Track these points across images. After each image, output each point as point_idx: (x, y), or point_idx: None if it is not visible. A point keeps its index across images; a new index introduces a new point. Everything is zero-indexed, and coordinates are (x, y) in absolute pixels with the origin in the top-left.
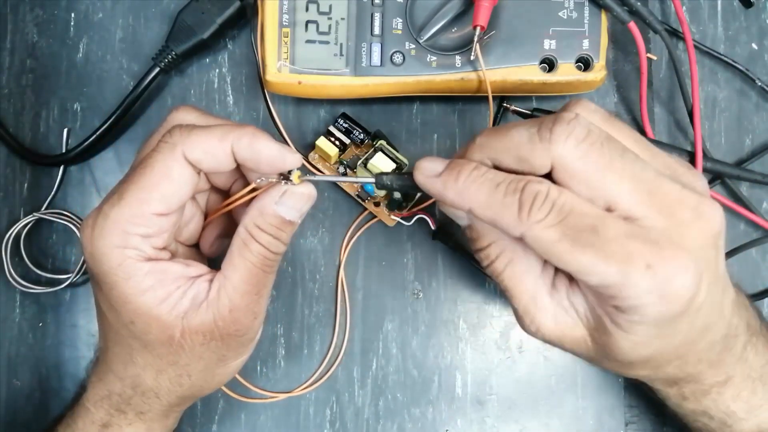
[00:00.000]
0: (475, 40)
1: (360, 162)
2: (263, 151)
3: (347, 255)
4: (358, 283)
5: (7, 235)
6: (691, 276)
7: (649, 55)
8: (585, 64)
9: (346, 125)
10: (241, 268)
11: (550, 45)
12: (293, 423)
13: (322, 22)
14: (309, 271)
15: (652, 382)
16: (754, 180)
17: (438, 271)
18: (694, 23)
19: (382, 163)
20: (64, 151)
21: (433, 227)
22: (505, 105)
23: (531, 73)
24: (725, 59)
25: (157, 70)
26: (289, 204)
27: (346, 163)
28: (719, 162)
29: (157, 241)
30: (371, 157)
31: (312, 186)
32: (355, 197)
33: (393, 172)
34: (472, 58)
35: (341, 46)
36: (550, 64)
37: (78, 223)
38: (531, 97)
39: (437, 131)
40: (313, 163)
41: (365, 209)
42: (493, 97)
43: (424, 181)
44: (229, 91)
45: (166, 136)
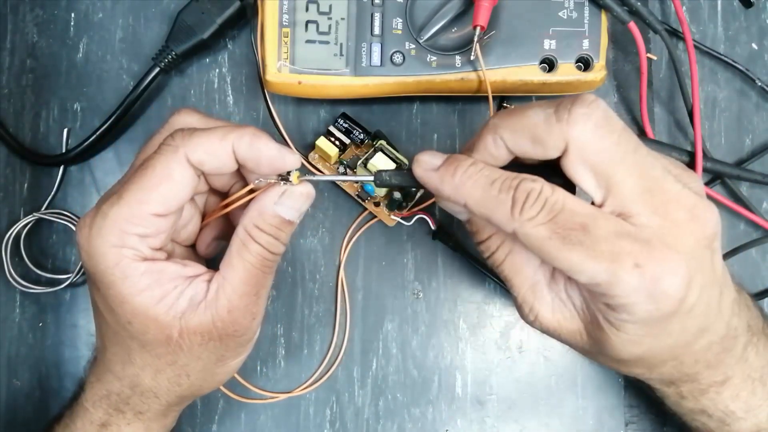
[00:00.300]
0: (475, 40)
1: (360, 162)
2: (263, 150)
3: (347, 255)
4: (358, 283)
5: (7, 235)
6: (680, 277)
7: (649, 55)
8: (585, 64)
9: (346, 125)
10: (240, 268)
11: (550, 45)
12: (293, 423)
13: (322, 22)
14: (309, 271)
15: (649, 381)
16: (754, 180)
17: (438, 271)
18: (694, 23)
19: (382, 163)
20: (64, 151)
21: (433, 227)
22: (505, 105)
23: (531, 73)
24: (725, 59)
25: (157, 70)
26: (288, 204)
27: (346, 163)
28: (719, 162)
29: (154, 242)
30: (371, 157)
31: (311, 186)
32: (355, 197)
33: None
34: (472, 58)
35: (341, 46)
36: (550, 64)
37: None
38: (531, 97)
39: (437, 131)
40: (313, 163)
41: (365, 209)
42: (493, 97)
43: (422, 174)
44: (229, 91)
45: (168, 139)
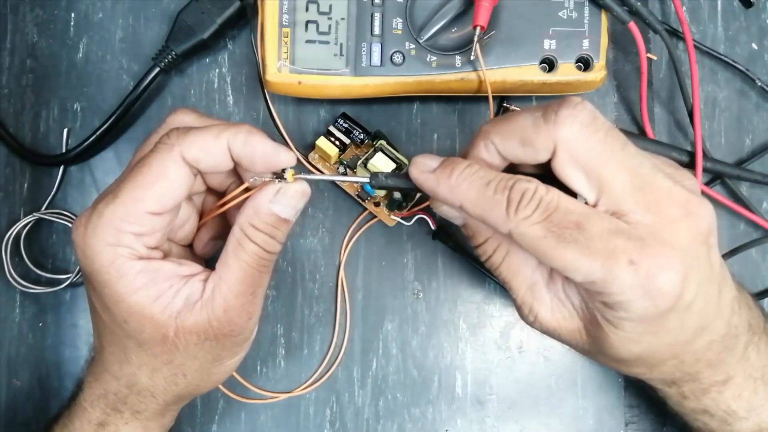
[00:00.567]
0: (475, 40)
1: (360, 162)
2: (258, 147)
3: (347, 255)
4: (358, 283)
5: (7, 235)
6: (675, 273)
7: (649, 55)
8: (585, 64)
9: (346, 125)
10: (236, 268)
11: (550, 45)
12: (293, 423)
13: (322, 22)
14: (309, 271)
15: (651, 381)
16: (754, 180)
17: (438, 271)
18: (694, 23)
19: (382, 163)
20: (64, 151)
21: (433, 227)
22: (505, 105)
23: (531, 73)
24: (725, 59)
25: (157, 70)
26: (283, 202)
27: (346, 163)
28: (719, 162)
29: (150, 240)
30: (371, 157)
31: (306, 183)
32: (355, 197)
33: (391, 172)
34: (472, 58)
35: (341, 46)
36: (550, 64)
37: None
38: (531, 97)
39: (437, 131)
40: (313, 163)
41: (365, 209)
42: (493, 97)
43: (419, 176)
44: (229, 91)
45: (164, 138)
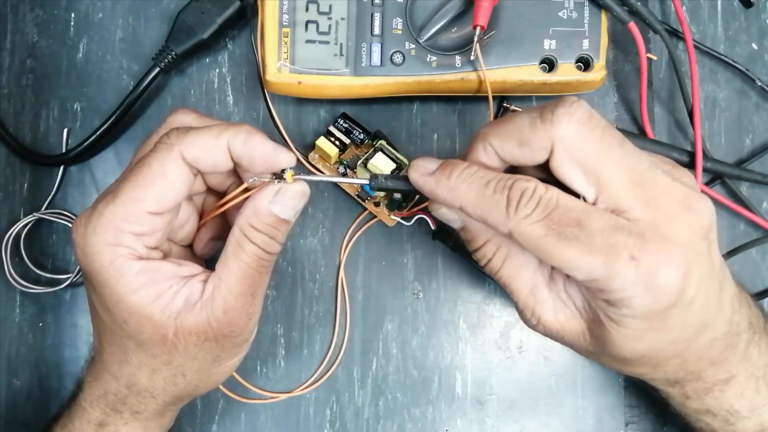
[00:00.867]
0: (475, 40)
1: (360, 162)
2: (258, 148)
3: (347, 255)
4: (358, 283)
5: (7, 235)
6: (676, 268)
7: (649, 55)
8: (585, 64)
9: (346, 125)
10: (236, 268)
11: (550, 45)
12: (293, 423)
13: (322, 22)
14: (309, 271)
15: (654, 382)
16: (754, 180)
17: (438, 271)
18: (694, 23)
19: (382, 163)
20: (64, 151)
21: (433, 227)
22: (505, 105)
23: (531, 73)
24: (725, 59)
25: (157, 70)
26: (283, 202)
27: (346, 163)
28: (719, 162)
29: (150, 240)
30: (371, 157)
31: (306, 184)
32: (355, 197)
33: (390, 174)
34: (472, 58)
35: (341, 46)
36: (550, 64)
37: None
38: (531, 97)
39: (437, 131)
40: (313, 163)
41: (365, 209)
42: (493, 97)
43: (418, 179)
44: (229, 91)
45: (163, 137)
